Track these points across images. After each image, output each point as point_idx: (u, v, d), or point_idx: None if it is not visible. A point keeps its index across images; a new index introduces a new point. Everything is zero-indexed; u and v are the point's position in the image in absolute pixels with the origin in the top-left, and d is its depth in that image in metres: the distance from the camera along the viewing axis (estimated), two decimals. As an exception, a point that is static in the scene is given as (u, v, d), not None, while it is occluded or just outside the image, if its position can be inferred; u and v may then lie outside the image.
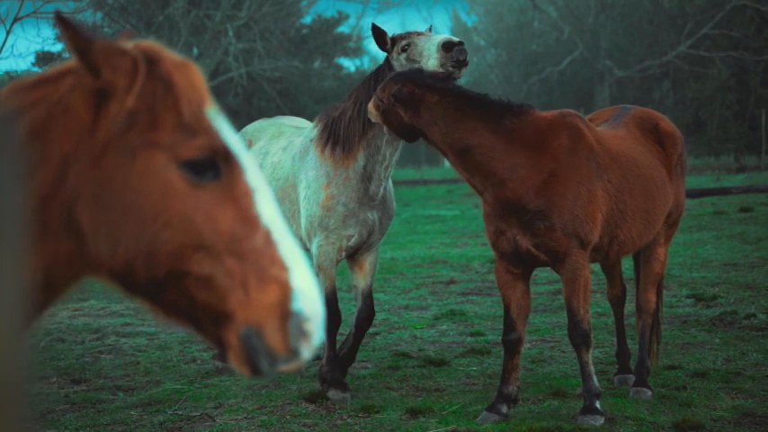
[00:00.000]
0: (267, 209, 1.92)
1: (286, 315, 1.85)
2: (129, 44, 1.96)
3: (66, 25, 1.88)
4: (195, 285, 1.86)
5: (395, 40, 6.52)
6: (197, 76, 1.96)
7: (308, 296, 1.86)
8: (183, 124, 1.89)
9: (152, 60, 1.92)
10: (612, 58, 43.14)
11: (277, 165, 7.04)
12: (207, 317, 1.88)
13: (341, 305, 7.89)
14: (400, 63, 6.42)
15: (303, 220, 6.73)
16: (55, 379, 7.30)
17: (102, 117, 1.88)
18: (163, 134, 1.88)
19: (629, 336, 7.24)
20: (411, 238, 16.79)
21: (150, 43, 1.97)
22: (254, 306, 1.84)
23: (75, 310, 10.17)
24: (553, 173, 5.74)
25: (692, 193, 21.40)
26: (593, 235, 5.79)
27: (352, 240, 6.69)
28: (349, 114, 6.60)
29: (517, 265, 5.95)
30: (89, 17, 30.35)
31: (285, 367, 1.87)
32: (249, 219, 1.89)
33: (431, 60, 6.26)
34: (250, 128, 7.78)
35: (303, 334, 1.85)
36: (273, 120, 8.01)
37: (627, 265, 9.50)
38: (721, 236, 14.86)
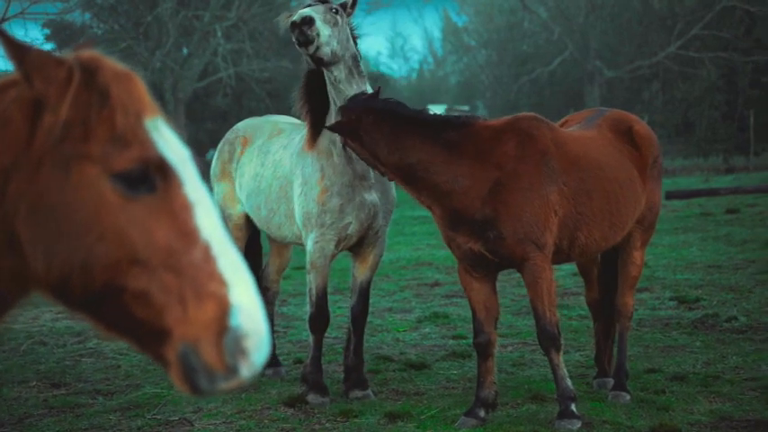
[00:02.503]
0: (207, 222, 1.88)
1: (222, 331, 1.81)
2: (68, 54, 1.94)
3: (1, 34, 1.86)
4: (132, 301, 1.83)
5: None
6: (137, 87, 1.92)
7: (247, 312, 1.83)
8: (116, 136, 1.85)
9: (90, 71, 1.89)
10: (602, 59, 43.21)
11: (278, 163, 6.98)
12: (146, 333, 1.85)
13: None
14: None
15: (298, 217, 6.68)
16: (34, 383, 7.28)
17: (37, 129, 1.86)
18: (95, 146, 1.85)
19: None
20: (398, 240, 16.77)
21: (92, 53, 1.94)
22: (190, 322, 1.81)
23: (59, 313, 10.13)
24: (497, 181, 5.75)
25: (680, 194, 21.49)
26: (545, 238, 5.78)
27: (351, 228, 6.57)
28: (305, 107, 6.62)
29: (476, 267, 5.96)
30: (77, 17, 30.29)
31: (225, 385, 1.84)
32: (187, 233, 1.85)
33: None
34: (242, 125, 7.70)
35: (241, 351, 1.81)
36: (265, 118, 7.97)
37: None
38: (707, 237, 14.89)
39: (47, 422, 6.27)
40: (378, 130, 5.68)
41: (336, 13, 6.30)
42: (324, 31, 6.12)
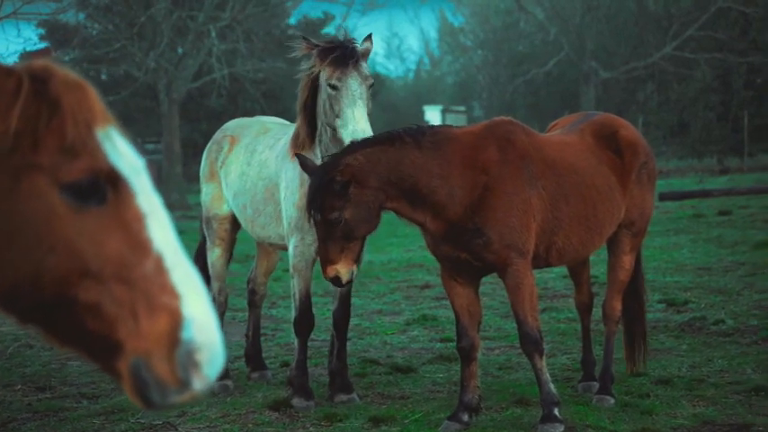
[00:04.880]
0: (160, 234, 1.87)
1: (174, 344, 1.80)
2: (18, 64, 1.93)
3: None
4: (84, 313, 1.82)
5: (324, 62, 6.26)
6: (88, 96, 1.90)
7: (200, 325, 1.81)
8: (66, 146, 1.84)
9: (40, 80, 1.87)
10: (598, 60, 43.19)
11: (263, 163, 6.98)
12: (98, 346, 1.84)
13: (314, 309, 7.87)
14: (326, 93, 6.27)
15: (284, 221, 6.70)
16: (19, 386, 7.27)
17: None
18: (45, 156, 1.83)
19: (598, 342, 7.25)
20: (390, 241, 16.77)
21: (44, 63, 1.92)
22: (142, 335, 1.80)
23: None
24: (486, 186, 5.75)
25: (673, 196, 21.50)
26: (529, 243, 5.80)
27: None
28: (301, 118, 6.58)
29: (460, 273, 5.97)
30: (71, 17, 30.24)
31: (178, 399, 1.83)
32: (139, 244, 1.84)
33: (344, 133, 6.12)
34: (231, 124, 7.71)
35: (193, 364, 1.80)
36: (255, 118, 7.98)
37: (602, 269, 9.52)
38: (698, 239, 14.89)
39: (30, 426, 6.27)
40: (376, 158, 5.63)
41: (372, 86, 6.33)
42: None
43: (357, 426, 6.13)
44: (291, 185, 6.58)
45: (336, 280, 5.72)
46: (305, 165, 5.91)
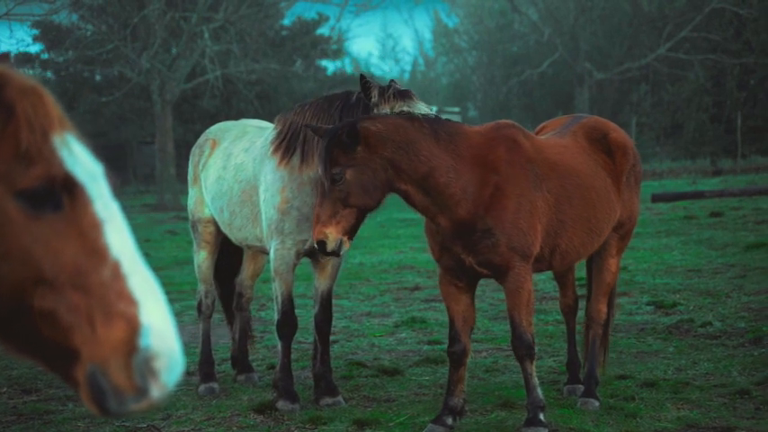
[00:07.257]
0: (118, 240, 1.86)
1: (131, 352, 1.80)
2: None
3: None
4: (39, 321, 1.81)
5: (386, 96, 6.22)
6: (44, 102, 1.89)
7: (158, 332, 1.81)
8: (21, 153, 1.83)
9: None
10: (592, 61, 43.25)
11: (240, 166, 7.00)
12: (55, 354, 1.84)
13: (302, 311, 7.87)
14: None
15: (264, 223, 6.71)
16: (5, 389, 7.26)
17: None
18: None
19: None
20: (382, 243, 16.77)
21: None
22: (99, 343, 1.80)
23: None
24: (496, 186, 5.75)
25: (666, 197, 21.53)
26: (535, 247, 5.80)
27: (308, 244, 6.57)
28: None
29: (461, 278, 5.96)
30: (64, 18, 30.21)
31: (135, 406, 1.83)
32: (96, 251, 1.84)
33: None
34: (214, 128, 7.74)
35: (151, 372, 1.80)
36: (239, 122, 8.00)
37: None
38: (689, 241, 14.91)
39: (15, 429, 6.25)
40: (389, 135, 5.60)
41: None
42: None
43: (341, 429, 6.12)
44: (272, 188, 6.59)
45: (322, 244, 5.56)
46: (317, 130, 5.89)
